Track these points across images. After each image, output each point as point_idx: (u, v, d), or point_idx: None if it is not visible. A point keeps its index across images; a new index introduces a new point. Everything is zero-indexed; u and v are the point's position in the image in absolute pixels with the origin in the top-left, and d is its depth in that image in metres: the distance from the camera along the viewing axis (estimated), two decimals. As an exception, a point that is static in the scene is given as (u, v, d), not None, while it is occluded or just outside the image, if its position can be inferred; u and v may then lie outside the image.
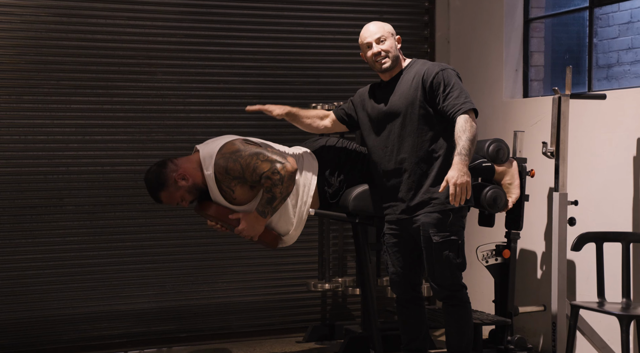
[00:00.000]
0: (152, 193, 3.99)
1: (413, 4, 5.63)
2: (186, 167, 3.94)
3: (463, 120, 3.62)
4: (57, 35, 4.91)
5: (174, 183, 3.92)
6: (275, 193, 3.85)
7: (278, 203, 3.88)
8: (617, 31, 5.66)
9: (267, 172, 3.80)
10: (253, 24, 5.29)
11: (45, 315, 4.92)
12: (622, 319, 3.80)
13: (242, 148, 3.90)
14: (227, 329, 5.27)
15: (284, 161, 3.84)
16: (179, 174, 3.91)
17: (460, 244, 3.77)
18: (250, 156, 3.85)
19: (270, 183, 3.82)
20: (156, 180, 3.93)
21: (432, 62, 3.82)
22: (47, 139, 4.92)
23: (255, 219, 3.91)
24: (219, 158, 3.89)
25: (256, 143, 4.02)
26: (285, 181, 3.82)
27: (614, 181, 4.37)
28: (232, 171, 3.87)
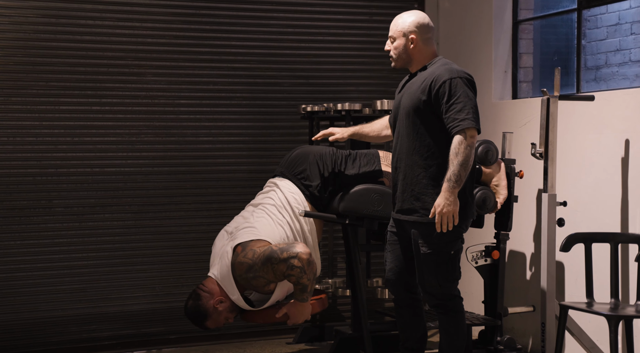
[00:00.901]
0: (198, 325, 4.14)
1: (402, 6, 5.63)
2: (217, 290, 4.08)
3: (457, 142, 3.51)
4: (45, 37, 4.89)
5: (215, 310, 4.08)
6: (303, 283, 3.98)
7: (311, 287, 4.02)
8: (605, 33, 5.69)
9: (287, 271, 3.92)
10: (242, 25, 5.28)
11: (34, 317, 4.89)
12: (610, 319, 3.81)
13: (252, 261, 3.97)
14: (216, 331, 5.23)
15: (295, 252, 3.92)
16: (216, 301, 4.07)
17: (451, 255, 3.67)
18: (264, 264, 3.94)
19: (295, 278, 3.95)
20: (198, 313, 4.09)
21: (450, 66, 3.64)
22: (35, 140, 4.90)
23: (300, 307, 4.07)
24: (237, 280, 4.02)
25: (252, 240, 4.03)
26: (307, 269, 3.94)
27: (603, 182, 4.39)
28: (258, 284, 4.01)
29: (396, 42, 3.75)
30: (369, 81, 5.56)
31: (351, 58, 5.53)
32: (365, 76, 5.58)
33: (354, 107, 4.86)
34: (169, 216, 5.16)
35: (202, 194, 5.23)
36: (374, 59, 5.54)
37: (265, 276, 3.97)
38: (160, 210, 5.13)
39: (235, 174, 5.30)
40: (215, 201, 5.25)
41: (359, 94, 5.52)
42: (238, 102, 5.31)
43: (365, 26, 5.55)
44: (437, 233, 3.60)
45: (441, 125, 3.62)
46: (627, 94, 4.37)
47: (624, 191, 4.27)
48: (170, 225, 5.16)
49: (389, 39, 3.78)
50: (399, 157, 3.74)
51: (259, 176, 5.16)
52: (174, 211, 5.17)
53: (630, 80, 5.46)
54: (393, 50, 3.75)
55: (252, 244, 4.00)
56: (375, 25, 5.56)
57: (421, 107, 3.64)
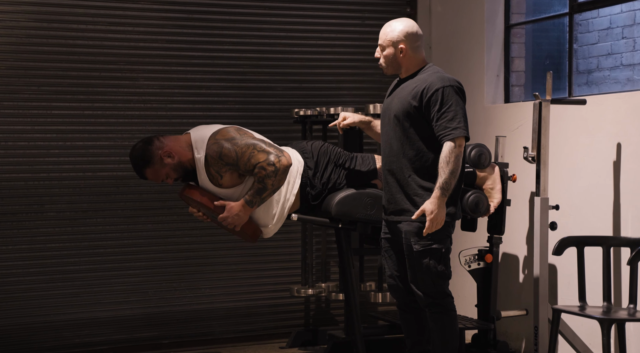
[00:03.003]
0: (137, 170, 4.00)
1: (395, 10, 5.65)
2: (173, 145, 3.96)
3: (448, 150, 3.57)
4: (37, 41, 4.88)
5: (160, 160, 3.94)
6: (267, 184, 3.87)
7: (267, 194, 3.91)
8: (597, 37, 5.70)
9: (262, 162, 3.84)
10: (235, 30, 5.28)
11: (27, 322, 4.88)
12: (603, 323, 3.82)
13: (238, 136, 3.93)
14: (210, 335, 5.25)
15: (280, 154, 3.88)
16: (164, 152, 3.94)
17: (443, 253, 3.72)
18: (247, 145, 3.89)
19: (264, 174, 3.85)
20: (142, 157, 3.95)
21: (441, 74, 3.70)
22: (27, 145, 4.88)
23: (242, 208, 3.92)
24: (212, 142, 3.92)
25: (251, 133, 4.03)
26: (279, 174, 3.86)
27: (595, 185, 4.41)
28: (225, 157, 3.89)
29: (386, 51, 3.78)
30: (361, 85, 5.57)
31: (344, 62, 5.54)
32: (358, 79, 5.58)
33: (346, 111, 4.86)
34: (162, 220, 5.15)
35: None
36: (366, 63, 5.55)
37: (237, 156, 3.84)
38: (153, 215, 5.12)
39: (228, 178, 5.29)
40: (208, 206, 5.24)
41: (351, 98, 5.53)
42: (231, 106, 5.31)
43: (357, 30, 5.56)
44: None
45: (430, 130, 3.67)
46: (618, 98, 4.39)
47: (616, 194, 4.28)
48: (163, 229, 5.15)
49: (379, 47, 3.81)
50: (389, 160, 3.78)
51: (252, 181, 5.17)
52: (167, 216, 5.16)
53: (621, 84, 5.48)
54: (383, 58, 3.79)
55: (248, 132, 3.99)
56: (368, 29, 5.57)
57: (412, 113, 3.69)
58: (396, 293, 3.92)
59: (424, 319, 3.91)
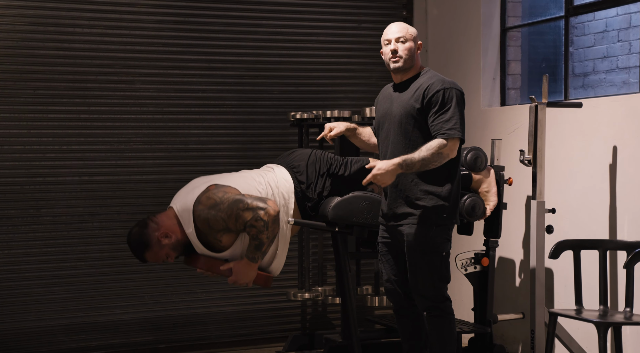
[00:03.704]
0: (136, 254, 3.98)
1: (391, 13, 5.65)
2: (167, 224, 3.93)
3: (438, 143, 3.59)
4: (33, 45, 4.87)
5: (158, 242, 3.91)
6: (262, 239, 3.86)
7: (266, 247, 3.91)
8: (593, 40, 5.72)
9: (250, 220, 3.81)
10: (231, 33, 5.28)
11: (22, 327, 4.86)
12: (599, 326, 3.82)
13: (219, 199, 3.87)
14: (206, 339, 5.24)
15: (265, 206, 3.84)
16: (161, 233, 3.91)
17: (443, 256, 3.73)
18: (230, 206, 3.84)
19: (255, 231, 3.84)
20: (139, 241, 3.92)
21: (442, 78, 3.73)
22: (23, 149, 4.88)
23: (247, 266, 3.92)
24: (198, 213, 3.88)
25: (228, 185, 3.96)
26: (270, 226, 3.84)
27: (591, 188, 4.41)
28: (215, 225, 3.87)
29: (408, 43, 3.75)
30: (358, 88, 5.57)
31: (340, 65, 5.54)
32: (355, 83, 5.58)
33: (343, 115, 4.86)
34: (158, 224, 5.13)
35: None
36: (363, 66, 5.55)
37: (225, 220, 3.84)
38: (149, 218, 5.11)
39: (224, 182, 5.29)
40: (205, 209, 5.23)
41: (348, 101, 5.52)
42: (227, 109, 5.30)
43: (354, 33, 5.56)
44: (430, 233, 3.68)
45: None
46: (614, 101, 4.40)
47: (612, 197, 4.28)
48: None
49: (396, 39, 3.75)
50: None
51: (248, 184, 5.16)
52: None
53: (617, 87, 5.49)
54: (404, 50, 3.74)
55: (226, 188, 3.92)
56: (364, 33, 5.57)
57: (415, 116, 3.69)
58: (393, 297, 3.92)
59: (421, 323, 3.91)
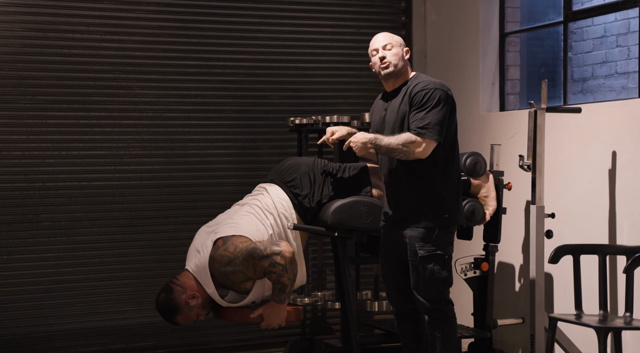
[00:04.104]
0: (167, 319, 4.05)
1: (390, 19, 5.66)
2: (191, 285, 3.99)
3: (406, 136, 3.62)
4: (33, 50, 4.88)
5: (186, 305, 3.99)
6: (283, 282, 3.91)
7: (290, 287, 3.95)
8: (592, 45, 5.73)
9: (268, 267, 3.86)
10: (231, 39, 5.29)
11: (22, 332, 4.86)
12: (599, 331, 3.82)
13: (233, 255, 3.91)
14: (206, 344, 5.24)
15: (279, 250, 3.87)
16: (188, 295, 3.98)
17: (446, 259, 3.74)
18: (246, 259, 3.88)
19: (275, 276, 3.88)
20: (168, 307, 4.00)
21: (429, 79, 3.77)
22: (23, 154, 4.88)
23: (276, 308, 3.98)
24: (216, 273, 3.94)
25: (234, 235, 3.97)
26: (289, 268, 3.88)
27: (590, 193, 4.41)
28: (236, 279, 3.94)
29: (394, 49, 3.81)
30: (357, 94, 5.57)
31: (339, 71, 5.55)
32: (353, 88, 5.59)
33: (342, 120, 4.87)
34: (158, 230, 5.14)
35: (190, 208, 5.21)
36: (361, 71, 5.56)
37: (244, 272, 3.89)
38: (149, 224, 5.11)
39: (223, 187, 5.29)
40: (204, 215, 5.21)
41: (347, 106, 5.53)
42: (226, 115, 5.31)
43: (352, 39, 5.57)
44: (434, 235, 3.69)
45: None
46: (613, 106, 4.40)
47: (612, 202, 4.29)
48: (158, 238, 5.14)
49: (383, 47, 3.80)
50: (390, 171, 3.79)
51: (247, 189, 5.13)
52: (163, 225, 5.15)
53: (616, 92, 5.49)
54: (392, 56, 3.79)
55: (233, 239, 3.94)
56: (363, 38, 5.55)
57: (407, 121, 3.71)
58: (395, 301, 3.92)
59: (421, 327, 3.92)
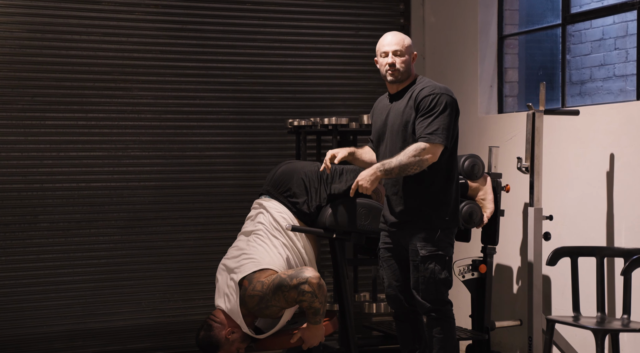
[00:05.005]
0: None
1: (388, 21, 5.67)
2: (229, 321, 4.04)
3: (415, 147, 3.61)
4: (31, 51, 4.88)
5: (227, 341, 4.04)
6: (315, 306, 3.96)
7: (323, 310, 4.00)
8: (590, 48, 5.73)
9: (298, 297, 3.92)
10: (229, 40, 5.29)
11: (19, 333, 4.85)
12: (597, 333, 3.82)
13: (262, 293, 3.95)
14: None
15: (305, 277, 3.92)
16: (227, 331, 4.03)
17: (447, 260, 3.76)
18: (275, 293, 3.94)
19: (307, 304, 3.95)
20: (210, 344, 4.04)
21: (435, 83, 3.77)
22: (21, 155, 4.87)
23: (314, 330, 4.04)
24: (251, 311, 4.00)
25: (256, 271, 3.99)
26: (318, 293, 3.94)
27: (588, 196, 4.42)
28: (273, 313, 4.02)
29: (404, 56, 3.79)
30: (355, 96, 5.58)
31: (338, 73, 5.55)
32: (352, 90, 5.59)
33: (340, 122, 4.86)
34: (156, 231, 5.14)
35: (189, 209, 5.21)
36: (360, 73, 5.56)
37: (277, 305, 3.98)
38: (147, 225, 5.11)
39: (222, 188, 5.29)
40: (202, 216, 5.24)
41: (345, 108, 5.53)
42: (225, 116, 5.31)
43: (351, 41, 5.57)
44: (436, 236, 3.71)
45: None
46: (611, 108, 4.41)
47: (609, 205, 4.29)
48: (157, 239, 5.14)
49: (393, 53, 3.78)
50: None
51: (246, 191, 5.16)
52: (161, 226, 5.15)
53: (614, 95, 5.50)
54: (400, 63, 3.78)
55: (257, 275, 4.01)
56: (362, 40, 5.58)
57: (411, 123, 3.72)
58: (394, 303, 3.93)
59: (419, 329, 3.92)
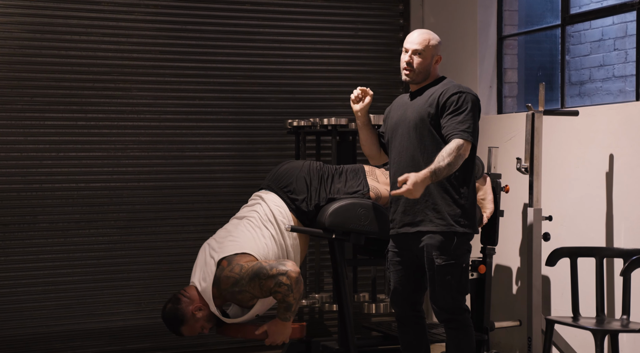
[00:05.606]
0: (172, 329, 4.04)
1: (388, 21, 5.67)
2: (198, 297, 3.99)
3: (456, 145, 3.55)
4: (30, 52, 4.88)
5: (193, 316, 3.98)
6: (289, 301, 3.92)
7: (295, 306, 3.96)
8: (589, 48, 5.74)
9: (274, 287, 3.87)
10: (229, 41, 5.29)
11: (18, 334, 4.85)
12: (596, 334, 3.82)
13: (239, 276, 3.91)
14: (203, 346, 5.23)
15: (285, 270, 3.87)
16: (195, 307, 3.98)
17: (463, 268, 3.69)
18: (252, 279, 3.89)
19: (281, 296, 3.89)
20: (175, 317, 3.99)
21: (459, 84, 3.73)
22: (20, 156, 4.87)
23: (281, 326, 3.99)
24: (223, 293, 3.95)
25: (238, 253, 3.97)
26: (294, 288, 3.89)
27: (588, 196, 4.42)
28: (244, 298, 3.96)
29: (423, 57, 3.73)
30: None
31: (337, 73, 5.55)
32: (351, 90, 5.54)
33: (340, 122, 4.87)
34: (155, 231, 5.14)
35: (188, 209, 5.21)
36: (360, 74, 5.56)
37: (251, 292, 3.93)
38: (146, 225, 5.11)
39: (221, 189, 5.29)
40: (202, 216, 5.24)
41: (345, 109, 5.52)
42: (224, 117, 5.31)
43: (351, 41, 5.57)
44: (453, 244, 3.64)
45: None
46: (611, 109, 4.41)
47: (609, 205, 4.29)
48: (156, 240, 5.14)
49: (413, 51, 3.73)
50: (406, 171, 3.67)
51: (245, 191, 5.15)
52: (160, 227, 5.15)
53: (614, 95, 5.50)
54: (418, 64, 3.73)
55: (237, 258, 3.97)
56: (361, 41, 5.59)
57: (429, 121, 3.67)
58: (399, 307, 3.88)
59: (422, 333, 3.89)
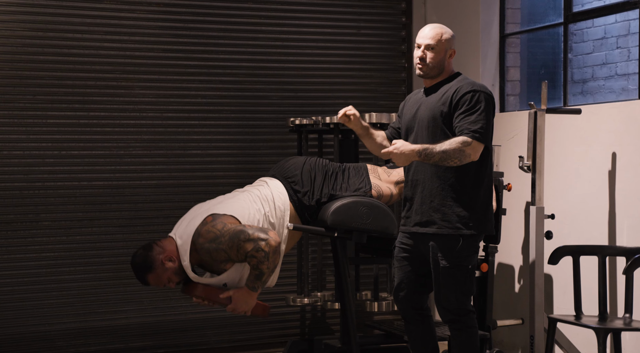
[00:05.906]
0: (139, 276, 3.97)
1: (390, 20, 5.67)
2: (172, 249, 3.93)
3: (461, 139, 3.49)
4: (33, 50, 4.88)
5: (161, 265, 3.91)
6: (262, 269, 3.86)
7: (267, 277, 3.90)
8: (592, 47, 5.73)
9: (251, 251, 3.82)
10: (231, 39, 5.29)
11: (21, 332, 4.86)
12: (598, 332, 3.82)
13: (220, 232, 3.87)
14: (205, 345, 5.24)
15: (266, 237, 3.84)
16: (165, 256, 3.91)
17: (469, 269, 3.66)
18: (231, 238, 3.84)
19: (256, 261, 3.84)
20: (143, 263, 3.92)
21: (473, 81, 3.67)
22: (22, 154, 4.88)
23: (247, 294, 3.91)
24: (199, 246, 3.89)
25: (226, 214, 3.94)
26: (271, 257, 3.84)
27: (590, 195, 4.42)
28: (217, 257, 3.89)
29: (437, 51, 3.69)
30: (357, 94, 5.58)
31: (339, 71, 5.55)
32: (354, 89, 5.59)
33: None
34: (157, 229, 5.13)
35: (190, 207, 5.19)
36: (362, 72, 5.56)
37: (227, 252, 3.86)
38: (149, 223, 5.12)
39: (223, 187, 5.27)
40: (204, 215, 5.23)
41: (347, 107, 5.52)
42: (226, 115, 5.31)
43: (353, 39, 5.57)
44: (459, 246, 3.60)
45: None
46: (613, 107, 4.41)
47: (611, 204, 4.29)
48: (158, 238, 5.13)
49: (425, 47, 3.69)
50: (416, 169, 3.69)
51: (247, 190, 5.15)
52: (162, 225, 5.14)
53: (616, 93, 5.49)
54: (431, 59, 3.68)
55: (224, 218, 3.92)
56: (363, 39, 5.58)
57: (441, 119, 3.62)
58: (403, 304, 3.86)
59: (429, 330, 3.87)
